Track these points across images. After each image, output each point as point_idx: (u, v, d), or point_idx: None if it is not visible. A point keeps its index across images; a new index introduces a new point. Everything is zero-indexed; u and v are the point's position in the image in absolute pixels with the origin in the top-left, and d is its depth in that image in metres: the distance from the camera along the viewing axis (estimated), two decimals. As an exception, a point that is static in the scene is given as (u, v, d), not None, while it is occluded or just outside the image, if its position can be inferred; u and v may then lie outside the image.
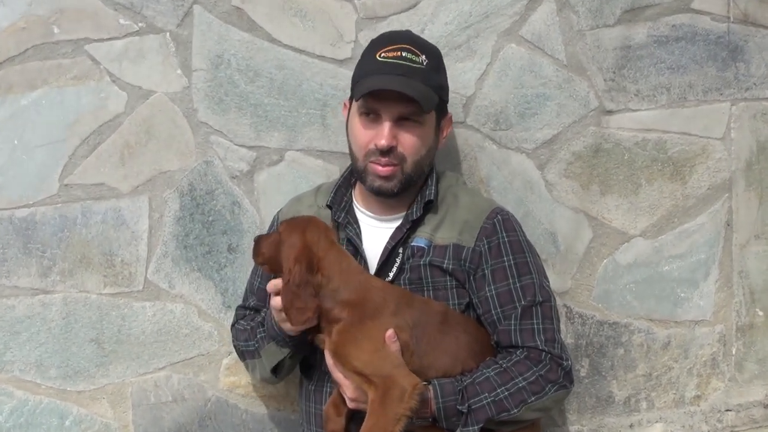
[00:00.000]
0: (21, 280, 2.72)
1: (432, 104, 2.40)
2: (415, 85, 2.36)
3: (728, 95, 2.99)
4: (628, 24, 2.91)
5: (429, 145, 2.45)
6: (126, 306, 2.77)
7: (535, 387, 2.30)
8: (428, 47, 2.49)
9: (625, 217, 2.95)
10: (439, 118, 2.50)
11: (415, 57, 2.41)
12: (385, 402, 2.14)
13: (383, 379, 2.16)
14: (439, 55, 2.51)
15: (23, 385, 2.74)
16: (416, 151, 2.41)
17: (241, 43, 2.77)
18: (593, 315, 2.96)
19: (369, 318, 2.23)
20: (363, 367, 2.19)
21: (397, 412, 2.13)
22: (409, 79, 2.37)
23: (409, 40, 2.47)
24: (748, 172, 3.02)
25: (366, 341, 2.21)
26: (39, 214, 2.71)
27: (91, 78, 2.71)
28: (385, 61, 2.40)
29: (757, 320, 3.07)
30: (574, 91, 2.90)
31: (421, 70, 2.40)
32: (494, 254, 2.42)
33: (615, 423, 3.00)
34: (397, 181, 2.41)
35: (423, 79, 2.39)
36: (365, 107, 2.41)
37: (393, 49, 2.41)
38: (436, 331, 2.29)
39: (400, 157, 2.39)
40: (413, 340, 2.24)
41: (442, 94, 2.47)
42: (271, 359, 2.46)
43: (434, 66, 2.45)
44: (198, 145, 2.77)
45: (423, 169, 2.46)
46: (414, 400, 2.15)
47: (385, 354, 2.20)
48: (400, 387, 2.14)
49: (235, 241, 2.80)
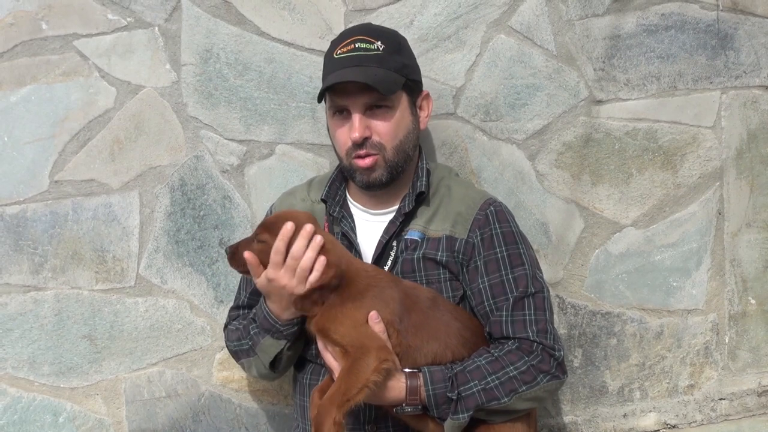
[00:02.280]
0: (12, 277, 2.72)
1: (393, 86, 2.39)
2: (371, 71, 2.36)
3: (718, 83, 2.99)
4: (618, 13, 2.91)
5: (407, 127, 2.45)
6: (118, 302, 2.77)
7: (526, 377, 2.30)
8: (384, 32, 2.49)
9: (616, 207, 2.96)
10: (414, 98, 2.49)
11: (369, 45, 2.41)
12: (352, 369, 2.16)
13: (356, 349, 2.18)
14: (398, 37, 2.51)
15: (16, 382, 2.73)
16: (393, 136, 2.41)
17: (229, 36, 2.76)
18: (586, 305, 2.96)
19: (351, 300, 2.24)
20: (341, 339, 2.21)
21: (362, 380, 2.14)
22: (365, 67, 2.37)
23: (362, 30, 2.48)
24: (738, 161, 3.02)
25: (347, 319, 2.22)
26: (30, 211, 2.71)
27: (80, 74, 2.71)
28: (340, 57, 2.42)
29: (750, 308, 3.07)
30: (564, 81, 2.90)
31: (377, 55, 2.40)
32: (487, 245, 2.42)
33: (609, 413, 3.00)
34: (382, 170, 2.41)
35: (379, 63, 2.39)
36: (333, 106, 2.43)
37: (347, 44, 2.43)
38: (422, 314, 2.30)
39: (378, 146, 2.40)
40: (396, 319, 2.25)
41: (407, 73, 2.45)
42: (267, 353, 2.45)
43: (393, 49, 2.44)
44: (188, 140, 2.77)
45: (407, 153, 2.45)
46: (380, 373, 2.16)
47: (364, 329, 2.21)
48: (370, 357, 2.16)
49: (226, 236, 2.80)
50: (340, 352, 2.21)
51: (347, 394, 2.13)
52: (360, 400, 2.15)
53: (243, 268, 2.34)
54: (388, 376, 2.20)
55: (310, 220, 2.31)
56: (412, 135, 2.47)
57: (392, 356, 2.21)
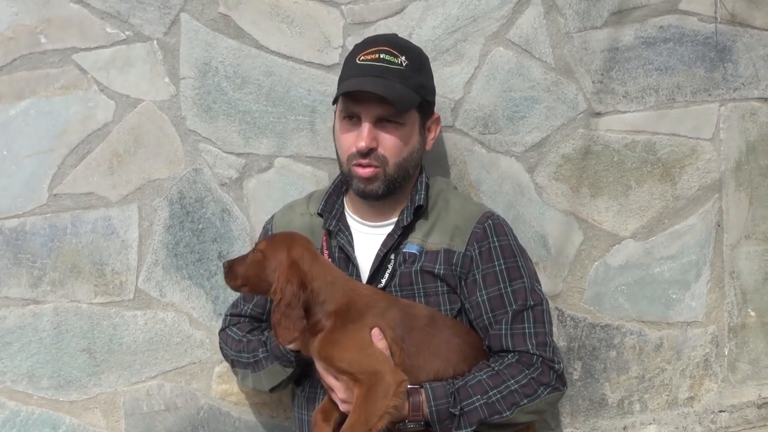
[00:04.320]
0: (11, 291, 2.71)
1: (409, 104, 2.39)
2: (391, 86, 2.36)
3: (717, 96, 3.00)
4: (616, 26, 2.92)
5: (412, 146, 2.45)
6: (117, 315, 2.77)
7: (527, 390, 2.30)
8: (410, 48, 2.49)
9: (615, 219, 2.96)
10: (425, 119, 2.49)
11: (394, 58, 2.41)
12: (369, 397, 2.14)
13: (368, 375, 2.16)
14: (422, 56, 2.52)
15: (15, 395, 2.73)
16: (397, 152, 2.41)
17: (228, 50, 2.77)
18: (585, 318, 2.96)
19: (351, 322, 2.23)
20: (348, 366, 2.19)
21: (381, 407, 2.13)
22: (386, 80, 2.37)
23: (389, 42, 2.48)
24: (737, 173, 3.02)
25: (350, 342, 2.21)
26: (29, 225, 2.71)
27: (79, 87, 2.71)
28: (363, 63, 2.41)
29: (749, 320, 3.06)
30: (563, 94, 2.90)
31: (399, 70, 2.40)
32: (485, 259, 2.42)
33: (608, 425, 2.99)
34: (380, 183, 2.41)
35: (401, 79, 2.39)
36: (345, 111, 2.42)
37: (372, 52, 2.42)
38: (423, 332, 2.29)
39: (381, 159, 2.40)
40: (399, 339, 2.25)
41: (424, 93, 2.46)
42: (274, 379, 2.46)
43: (415, 66, 2.44)
44: (187, 153, 2.77)
45: (407, 171, 2.45)
46: (399, 397, 2.15)
47: (370, 352, 2.20)
48: (386, 383, 2.14)
49: (225, 249, 2.80)
50: (348, 379, 2.19)
51: (368, 424, 2.12)
52: (382, 427, 2.13)
53: (234, 283, 2.35)
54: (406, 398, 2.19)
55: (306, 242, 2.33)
56: (416, 154, 2.47)
57: (405, 377, 2.19)
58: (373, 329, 2.22)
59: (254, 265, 2.30)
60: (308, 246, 2.32)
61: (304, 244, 2.32)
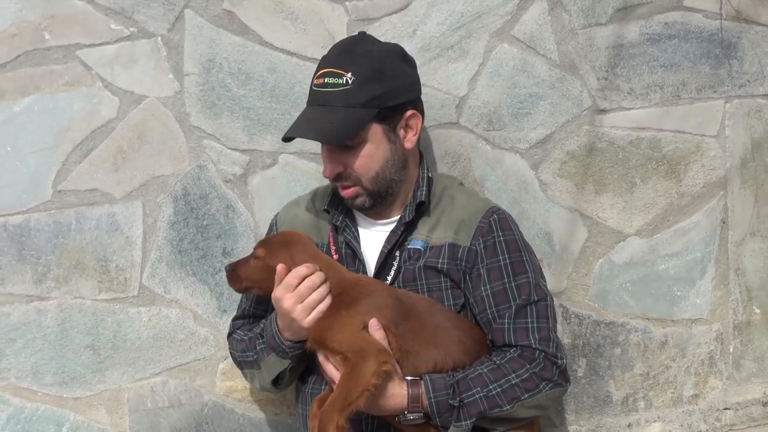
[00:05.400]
0: (16, 287, 2.72)
1: (353, 128, 2.33)
2: (330, 116, 2.33)
3: (722, 93, 2.99)
4: (621, 22, 2.91)
5: (383, 157, 2.40)
6: (121, 312, 2.77)
7: (528, 384, 2.30)
8: (358, 59, 2.38)
9: (620, 216, 2.95)
10: (393, 124, 2.41)
11: (338, 79, 2.34)
12: (352, 374, 2.16)
13: (354, 354, 2.18)
14: (376, 63, 2.38)
15: (19, 392, 2.73)
16: (368, 169, 2.39)
17: (232, 46, 2.76)
18: (590, 315, 2.96)
19: (345, 308, 2.26)
20: (338, 346, 2.22)
21: (362, 384, 2.14)
22: (328, 108, 2.35)
23: (334, 61, 2.39)
24: (743, 170, 3.02)
25: (343, 326, 2.23)
26: (33, 221, 2.71)
27: (83, 83, 2.71)
28: (314, 89, 2.40)
29: (754, 318, 3.06)
30: (567, 91, 2.90)
31: (343, 92, 2.33)
32: (490, 253, 2.42)
33: (613, 423, 2.99)
34: (364, 197, 2.42)
35: (344, 101, 2.33)
36: None
37: (320, 75, 2.38)
38: (420, 321, 2.30)
39: (353, 179, 2.39)
40: (392, 324, 2.25)
41: (381, 102, 2.36)
42: (271, 371, 2.45)
43: (364, 78, 2.34)
44: (191, 150, 2.77)
45: (389, 179, 2.42)
46: (380, 376, 2.16)
47: (361, 335, 2.22)
48: (369, 361, 2.16)
49: (229, 245, 2.80)
50: (340, 360, 2.22)
51: (348, 398, 2.13)
52: (361, 404, 2.15)
53: (239, 287, 2.38)
54: (388, 379, 2.21)
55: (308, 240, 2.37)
56: (391, 162, 2.42)
57: (392, 359, 2.21)
58: (371, 320, 2.23)
59: (258, 271, 2.34)
60: (308, 243, 2.36)
61: (305, 241, 2.36)
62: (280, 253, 2.31)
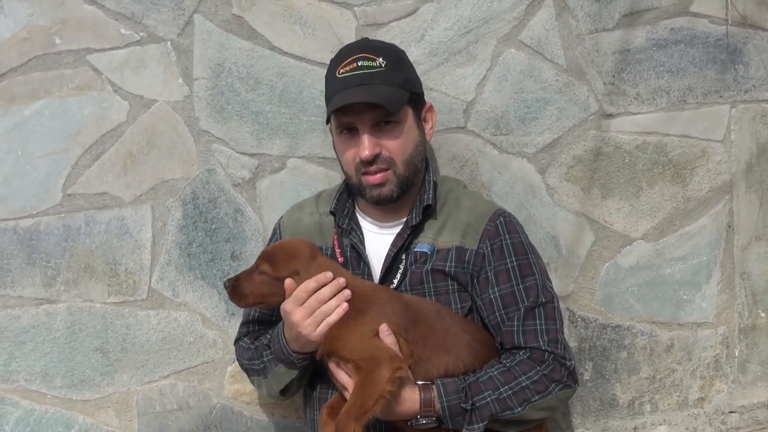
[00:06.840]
0: (26, 290, 2.73)
1: (399, 102, 2.40)
2: (377, 89, 2.37)
3: (728, 97, 3.00)
4: (627, 28, 2.92)
5: (414, 140, 2.46)
6: (130, 315, 2.78)
7: (539, 386, 2.31)
8: (384, 48, 2.49)
9: (626, 220, 2.96)
10: (418, 111, 2.50)
11: (371, 62, 2.41)
12: (366, 382, 2.16)
13: (367, 362, 2.19)
14: (398, 52, 2.52)
15: (29, 394, 2.74)
16: (402, 151, 2.42)
17: (241, 51, 2.78)
18: (596, 318, 2.97)
19: (353, 317, 2.26)
20: (350, 354, 2.23)
21: (378, 391, 2.15)
22: (369, 85, 2.38)
23: (361, 48, 2.48)
24: (748, 174, 3.03)
25: (352, 335, 2.24)
26: (43, 224, 2.72)
27: (93, 88, 2.73)
28: (343, 76, 2.41)
29: (760, 322, 3.07)
30: (574, 95, 2.91)
31: (380, 72, 2.40)
32: (497, 256, 2.43)
33: (619, 426, 3.00)
34: (393, 185, 2.42)
35: (383, 80, 2.39)
36: (340, 125, 2.44)
37: (349, 62, 2.42)
38: (429, 327, 2.31)
39: (388, 161, 2.41)
40: (402, 331, 2.26)
41: (411, 87, 2.46)
42: (280, 381, 2.46)
43: (394, 64, 2.44)
44: (200, 154, 2.79)
45: (416, 166, 2.47)
46: (395, 382, 2.17)
47: (371, 342, 2.23)
48: (383, 368, 2.16)
49: (238, 249, 2.81)
50: (352, 368, 2.22)
51: (364, 407, 2.14)
52: (377, 412, 2.15)
53: (244, 302, 2.37)
54: (402, 385, 2.21)
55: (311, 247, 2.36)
56: (420, 148, 2.48)
57: (404, 365, 2.21)
58: (381, 326, 2.24)
59: (264, 285, 2.32)
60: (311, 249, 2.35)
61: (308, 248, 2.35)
62: (286, 266, 2.31)
